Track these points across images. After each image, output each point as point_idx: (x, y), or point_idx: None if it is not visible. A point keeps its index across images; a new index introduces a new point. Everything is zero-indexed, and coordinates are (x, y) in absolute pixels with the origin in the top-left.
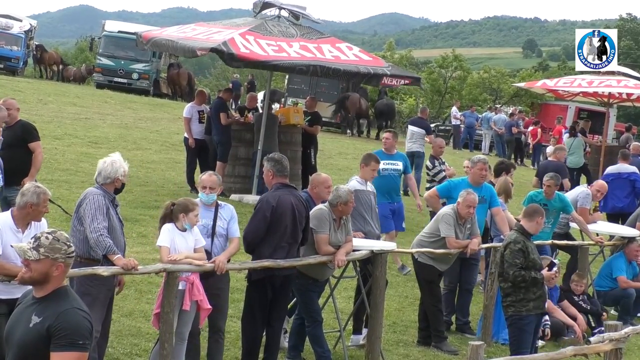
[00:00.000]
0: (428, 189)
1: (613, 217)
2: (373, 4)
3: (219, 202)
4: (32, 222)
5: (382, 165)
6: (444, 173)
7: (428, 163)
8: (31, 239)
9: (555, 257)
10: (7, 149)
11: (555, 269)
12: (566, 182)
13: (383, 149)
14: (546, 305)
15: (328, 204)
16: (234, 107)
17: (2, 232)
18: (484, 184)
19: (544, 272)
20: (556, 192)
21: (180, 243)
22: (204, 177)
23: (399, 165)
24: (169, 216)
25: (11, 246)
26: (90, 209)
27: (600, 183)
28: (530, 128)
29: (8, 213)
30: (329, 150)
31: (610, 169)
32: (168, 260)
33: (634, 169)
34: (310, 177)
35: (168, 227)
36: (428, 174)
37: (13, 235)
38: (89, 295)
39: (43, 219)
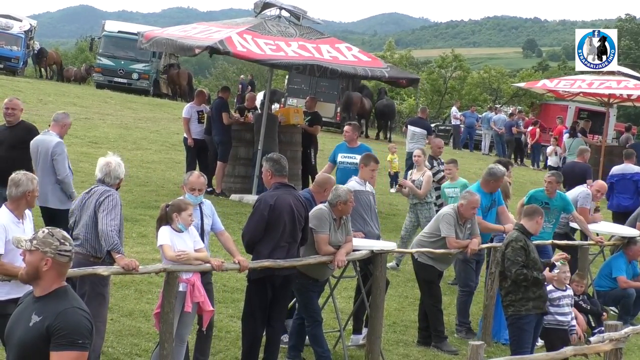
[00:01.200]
0: None
1: (619, 216)
2: (373, 4)
3: None
4: (25, 211)
5: (340, 158)
6: (442, 173)
7: (427, 163)
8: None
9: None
10: (10, 149)
11: (556, 270)
12: (590, 182)
13: (345, 142)
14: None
15: (328, 203)
16: (236, 106)
17: (7, 228)
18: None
19: (546, 272)
20: (557, 191)
21: (178, 244)
22: (192, 179)
23: (357, 159)
24: (164, 218)
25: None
26: (109, 205)
27: (600, 183)
28: (530, 128)
29: (4, 208)
30: (329, 150)
31: (615, 169)
32: (176, 254)
33: (638, 169)
34: (318, 178)
35: (165, 228)
36: None
37: (16, 227)
38: (101, 295)
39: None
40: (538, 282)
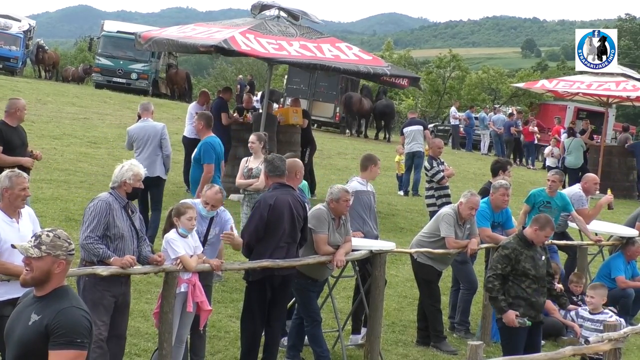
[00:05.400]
0: (427, 189)
1: None
2: (372, 4)
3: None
4: (20, 210)
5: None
6: (442, 173)
7: (426, 163)
8: (32, 237)
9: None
10: (21, 148)
11: (519, 323)
12: None
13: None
14: (546, 306)
15: (325, 202)
16: (235, 106)
17: None
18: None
19: (510, 313)
20: (558, 190)
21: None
22: (208, 193)
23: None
24: (169, 221)
25: (13, 246)
26: (89, 214)
27: (591, 177)
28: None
29: None
30: (328, 150)
31: None
32: (197, 265)
33: None
34: (287, 163)
35: (171, 236)
36: (426, 175)
37: (8, 226)
38: (91, 300)
39: (28, 207)
40: (496, 301)
